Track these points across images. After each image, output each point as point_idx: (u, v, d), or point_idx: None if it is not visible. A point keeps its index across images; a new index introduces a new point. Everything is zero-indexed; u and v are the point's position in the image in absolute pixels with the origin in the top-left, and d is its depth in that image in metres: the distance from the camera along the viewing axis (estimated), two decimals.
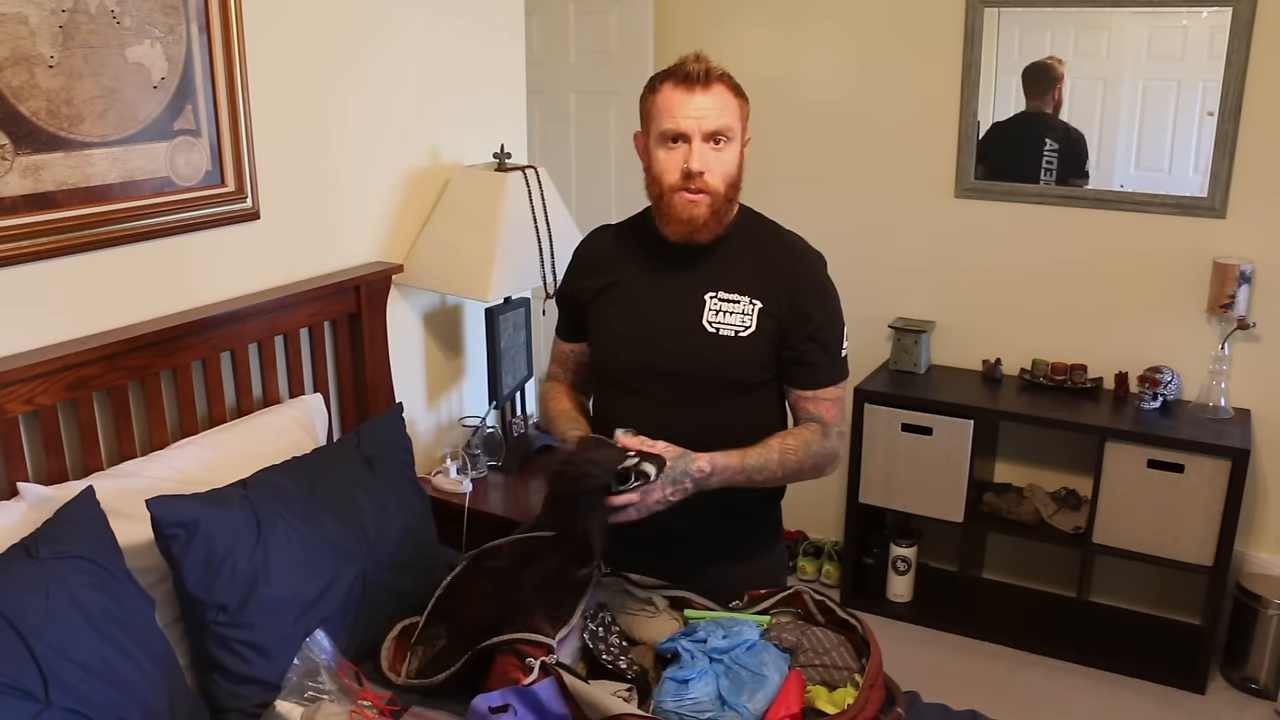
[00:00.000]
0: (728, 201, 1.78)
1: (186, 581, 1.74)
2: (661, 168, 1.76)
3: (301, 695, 1.73)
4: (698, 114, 1.71)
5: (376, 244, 2.62)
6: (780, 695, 1.62)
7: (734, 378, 1.83)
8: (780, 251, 1.85)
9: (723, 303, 1.80)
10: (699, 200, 1.74)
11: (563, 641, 1.74)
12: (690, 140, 1.72)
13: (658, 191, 1.78)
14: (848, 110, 3.52)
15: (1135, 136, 3.19)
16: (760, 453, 1.76)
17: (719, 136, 1.73)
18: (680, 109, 1.72)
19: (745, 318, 1.80)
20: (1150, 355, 3.26)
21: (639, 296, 1.86)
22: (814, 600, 1.85)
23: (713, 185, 1.74)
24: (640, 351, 1.85)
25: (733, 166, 1.77)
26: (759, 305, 1.80)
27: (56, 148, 1.87)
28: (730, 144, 1.75)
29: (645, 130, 1.81)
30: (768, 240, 1.86)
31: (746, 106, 1.79)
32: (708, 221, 1.76)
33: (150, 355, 2.02)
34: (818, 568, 3.72)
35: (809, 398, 1.85)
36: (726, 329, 1.80)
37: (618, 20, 3.72)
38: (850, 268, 3.52)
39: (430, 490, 2.60)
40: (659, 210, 1.80)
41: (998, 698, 3.00)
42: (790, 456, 1.78)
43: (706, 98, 1.72)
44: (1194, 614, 3.31)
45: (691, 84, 1.71)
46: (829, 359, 1.85)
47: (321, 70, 2.39)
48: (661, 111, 1.74)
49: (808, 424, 1.85)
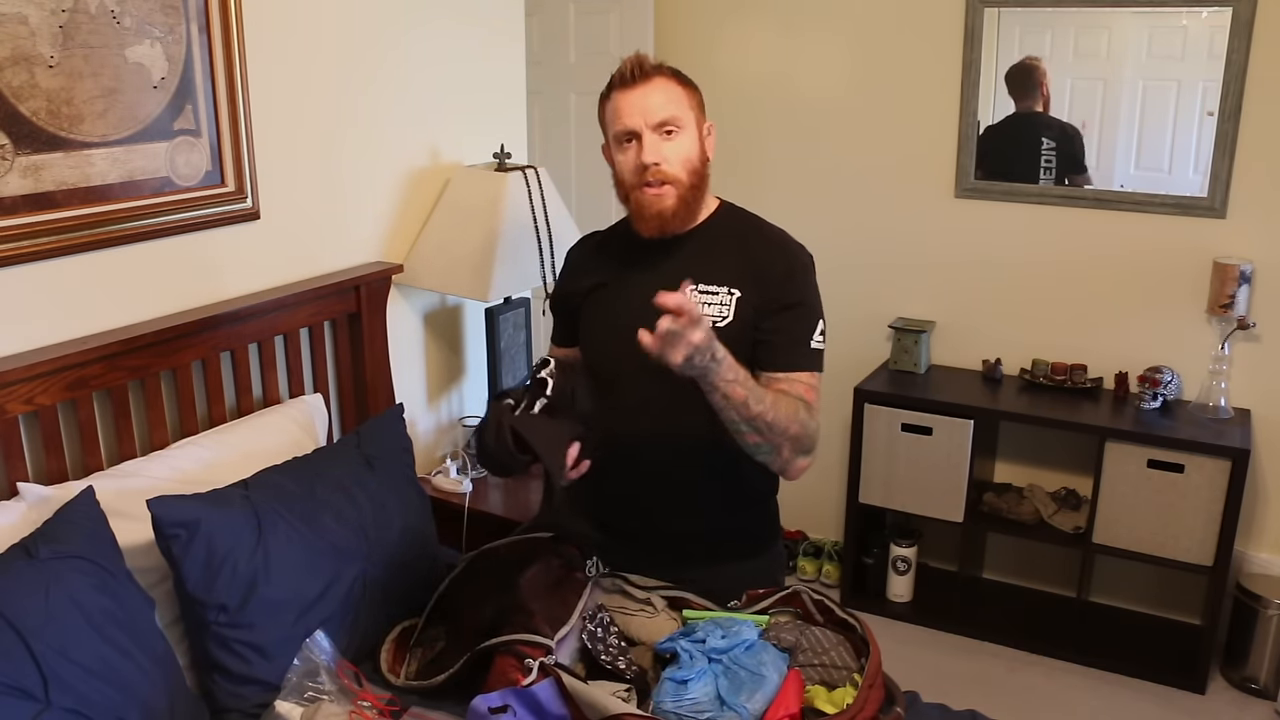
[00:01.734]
0: (693, 189, 1.79)
1: (186, 582, 1.74)
2: (622, 169, 1.80)
3: (301, 696, 1.73)
4: (641, 109, 1.75)
5: (376, 244, 2.62)
6: (779, 695, 1.62)
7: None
8: (760, 242, 1.85)
9: (701, 294, 1.80)
10: (664, 192, 1.77)
11: (561, 642, 1.74)
12: (640, 136, 1.75)
13: (624, 193, 1.82)
14: (848, 110, 3.52)
15: (1135, 136, 3.19)
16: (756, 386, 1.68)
17: (668, 126, 1.76)
18: (625, 108, 1.76)
19: (723, 308, 1.80)
20: (1150, 355, 3.26)
21: (622, 295, 1.87)
22: (813, 600, 1.85)
23: (672, 174, 1.76)
24: (624, 348, 1.84)
25: (692, 153, 1.78)
26: (737, 295, 1.80)
27: (56, 148, 1.87)
28: (682, 132, 1.77)
29: (605, 140, 1.85)
30: (748, 232, 1.87)
31: (697, 95, 1.82)
32: (677, 211, 1.78)
33: (150, 355, 2.02)
34: (818, 568, 3.72)
35: (782, 380, 1.77)
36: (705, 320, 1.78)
37: (618, 20, 3.72)
38: (850, 268, 3.54)
39: (430, 490, 2.60)
40: (630, 211, 1.84)
41: (998, 698, 3.00)
42: (781, 407, 1.69)
43: (647, 91, 1.75)
44: (1194, 614, 3.31)
45: (630, 83, 1.76)
46: (799, 344, 1.79)
47: (322, 70, 2.39)
48: (611, 116, 1.80)
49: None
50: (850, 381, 3.41)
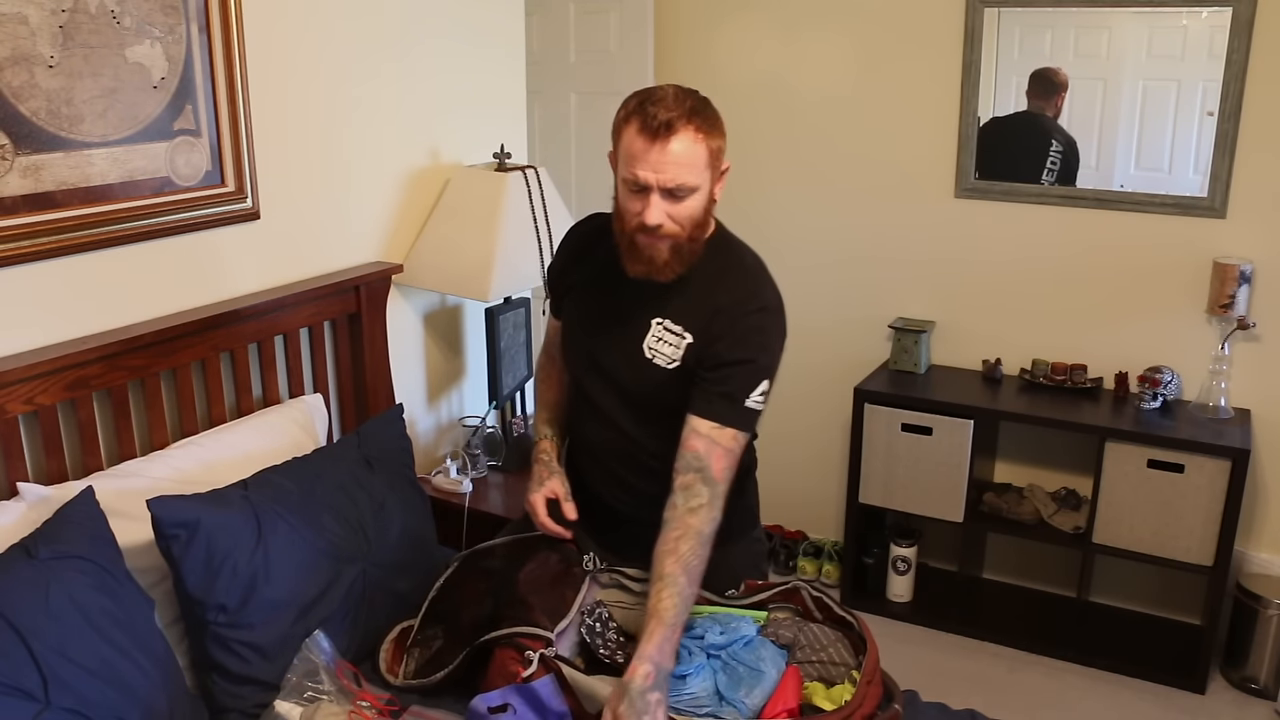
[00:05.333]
0: (691, 240, 1.72)
1: (186, 582, 1.74)
2: (624, 208, 1.72)
3: (300, 695, 1.73)
4: (657, 169, 1.64)
5: (376, 244, 2.62)
6: (777, 691, 1.63)
7: (662, 402, 1.79)
8: (726, 288, 1.78)
9: (666, 331, 1.78)
10: (660, 243, 1.70)
11: (560, 636, 1.74)
12: (650, 191, 1.66)
13: (620, 228, 1.74)
14: (848, 110, 3.52)
15: (1135, 136, 3.18)
16: (672, 595, 1.62)
17: (679, 191, 1.66)
18: (640, 160, 1.65)
19: (676, 350, 1.77)
20: (1150, 355, 3.26)
21: (600, 303, 1.86)
22: (812, 597, 1.85)
23: (672, 230, 1.69)
24: (592, 357, 1.88)
25: (698, 211, 1.70)
26: (688, 340, 1.77)
27: (56, 148, 1.87)
28: (695, 194, 1.68)
29: (615, 155, 1.75)
30: (724, 273, 1.80)
31: (718, 141, 1.70)
32: (669, 262, 1.72)
33: (150, 355, 2.02)
34: (818, 568, 3.72)
35: (702, 434, 1.70)
36: (661, 358, 1.78)
37: (618, 20, 3.73)
38: (850, 268, 3.53)
39: (430, 490, 2.61)
40: (621, 245, 1.75)
41: (997, 697, 3.00)
42: (694, 566, 1.65)
43: (668, 151, 1.63)
44: (1194, 614, 3.31)
45: (653, 136, 1.63)
46: (731, 399, 1.72)
47: (322, 70, 2.39)
48: (624, 154, 1.68)
49: (687, 493, 1.68)
50: (850, 381, 3.41)
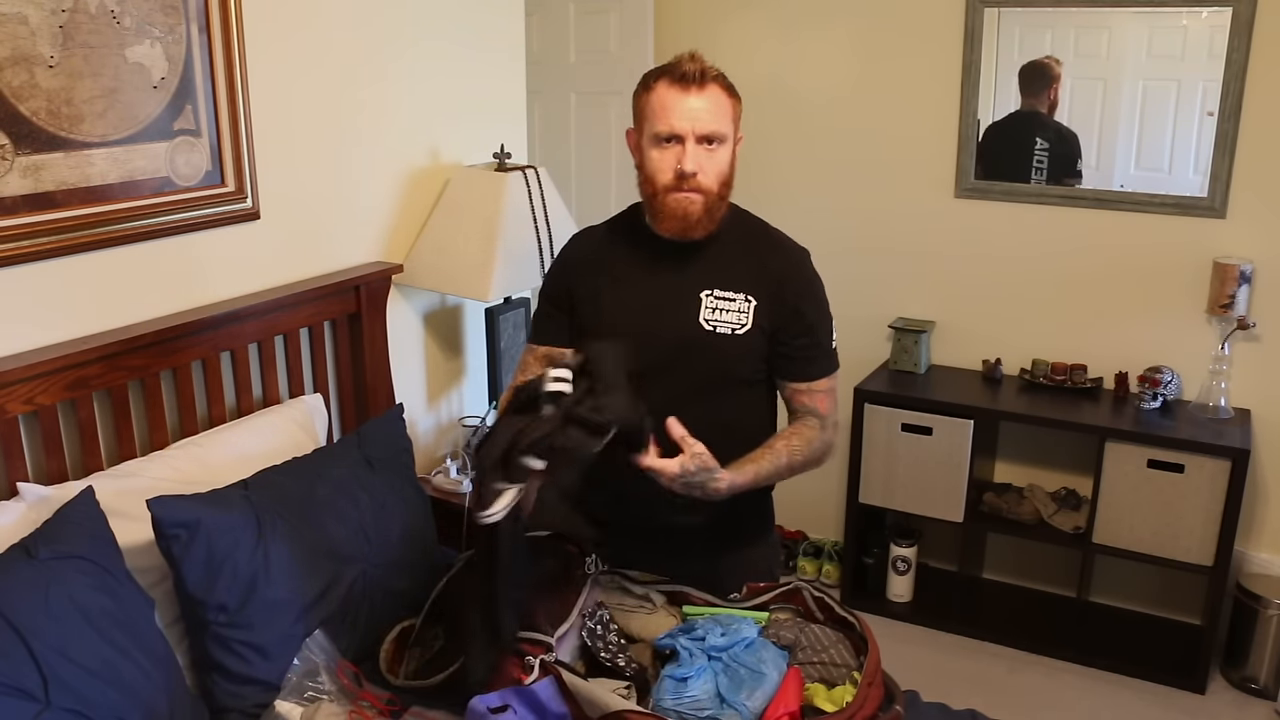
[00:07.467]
0: (720, 199, 1.80)
1: (187, 582, 1.74)
2: (655, 167, 1.77)
3: (301, 696, 1.73)
4: (692, 116, 1.72)
5: (376, 244, 2.62)
6: (779, 693, 1.62)
7: (732, 374, 1.84)
8: (770, 248, 1.87)
9: (719, 300, 1.82)
10: (694, 199, 1.76)
11: (561, 639, 1.74)
12: (684, 141, 1.73)
13: (651, 190, 1.79)
14: (848, 110, 3.52)
15: (1135, 136, 3.19)
16: (770, 460, 1.79)
17: (712, 139, 1.75)
18: (675, 110, 1.72)
19: (741, 315, 1.82)
20: (1150, 355, 3.26)
21: (634, 296, 1.86)
22: (813, 597, 1.85)
23: (706, 185, 1.76)
24: (638, 350, 1.84)
25: (725, 166, 1.78)
26: (754, 303, 1.82)
27: (56, 148, 1.87)
28: (723, 145, 1.77)
29: (638, 128, 1.81)
30: (757, 237, 1.88)
31: (739, 106, 1.80)
32: (701, 219, 1.78)
33: (150, 355, 2.02)
34: (818, 568, 3.72)
35: (803, 390, 1.88)
36: (724, 326, 1.81)
37: (618, 20, 3.73)
38: (850, 268, 3.54)
39: (430, 490, 2.60)
40: (652, 208, 1.81)
41: (997, 698, 3.00)
42: (796, 457, 1.82)
43: (701, 99, 1.72)
44: (1194, 614, 3.31)
45: (687, 84, 1.72)
46: (821, 353, 1.88)
47: (322, 70, 2.39)
48: (656, 111, 1.75)
49: (805, 419, 1.88)
50: (850, 381, 3.40)
